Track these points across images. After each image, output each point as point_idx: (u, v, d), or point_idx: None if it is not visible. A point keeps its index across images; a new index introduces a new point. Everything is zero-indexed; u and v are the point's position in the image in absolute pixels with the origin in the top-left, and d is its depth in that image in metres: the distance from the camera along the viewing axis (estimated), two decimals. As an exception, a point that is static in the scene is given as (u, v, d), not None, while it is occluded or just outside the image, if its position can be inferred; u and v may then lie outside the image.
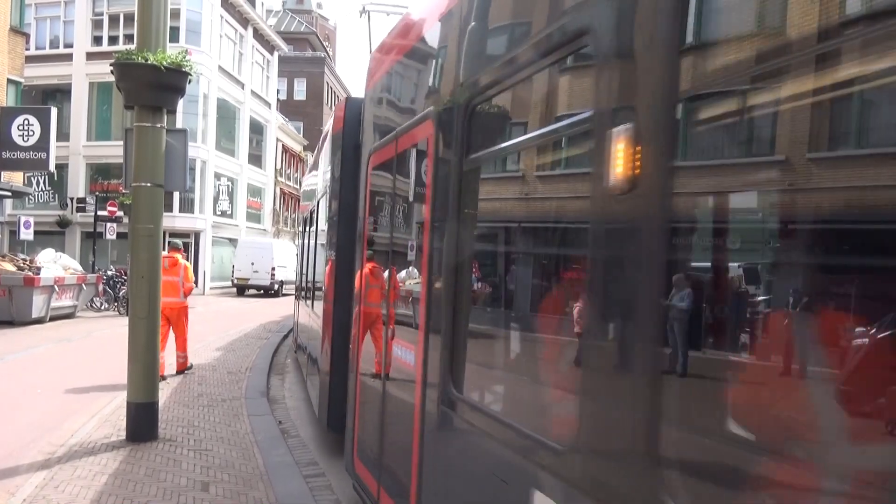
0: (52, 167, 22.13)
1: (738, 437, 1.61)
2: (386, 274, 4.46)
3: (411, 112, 4.12)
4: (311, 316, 8.37)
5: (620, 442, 1.81)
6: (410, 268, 4.18)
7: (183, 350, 9.93)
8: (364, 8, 7.58)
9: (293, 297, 14.27)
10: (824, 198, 1.47)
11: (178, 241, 11.23)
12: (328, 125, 7.73)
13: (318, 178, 8.60)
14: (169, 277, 8.96)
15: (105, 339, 14.18)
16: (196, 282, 8.51)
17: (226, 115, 34.76)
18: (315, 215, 8.84)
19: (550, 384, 2.59)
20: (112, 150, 29.24)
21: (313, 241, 8.98)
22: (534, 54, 2.43)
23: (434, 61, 3.88)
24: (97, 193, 27.77)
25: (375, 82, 5.17)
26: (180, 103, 7.24)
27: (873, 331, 1.30)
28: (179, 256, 9.88)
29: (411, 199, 4.06)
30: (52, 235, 28.74)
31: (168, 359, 9.22)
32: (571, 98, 2.38)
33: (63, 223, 29.86)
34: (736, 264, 1.68)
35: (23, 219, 21.42)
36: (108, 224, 24.91)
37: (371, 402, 4.53)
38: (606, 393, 1.90)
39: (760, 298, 1.59)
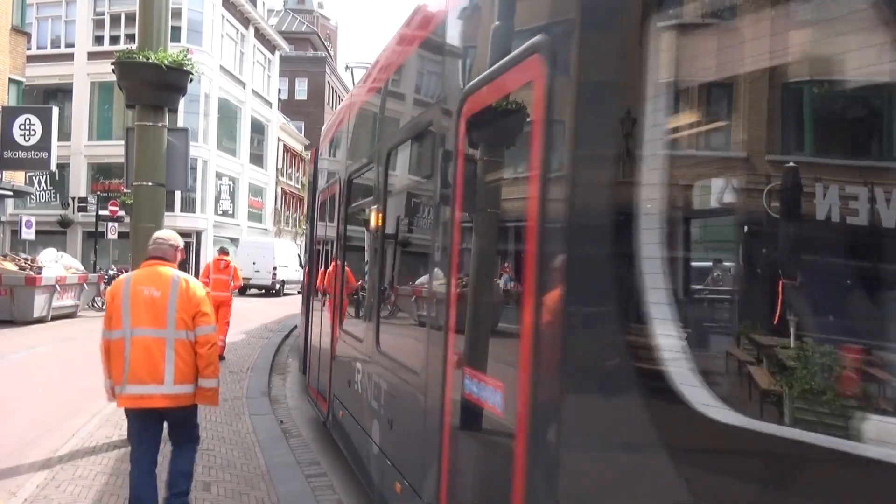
0: (53, 167, 22.15)
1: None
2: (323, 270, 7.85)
3: (332, 174, 7.55)
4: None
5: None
6: (332, 267, 7.03)
7: (223, 334, 11.18)
8: (347, 65, 9.15)
9: (298, 296, 14.77)
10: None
11: (226, 246, 13.31)
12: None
13: None
14: (220, 276, 11.46)
15: (106, 338, 14.19)
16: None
17: (227, 114, 34.77)
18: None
19: (404, 331, 4.53)
20: (113, 150, 29.26)
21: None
22: (368, 159, 5.37)
23: (337, 146, 7.41)
24: (98, 193, 27.81)
25: (319, 150, 9.13)
26: (181, 103, 7.24)
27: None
28: (229, 258, 12.00)
29: (328, 226, 7.80)
30: (53, 235, 28.76)
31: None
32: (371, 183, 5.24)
33: (64, 223, 29.89)
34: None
35: (24, 218, 21.44)
36: (110, 223, 24.91)
37: (314, 350, 8.04)
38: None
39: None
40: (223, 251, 12.20)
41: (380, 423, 4.44)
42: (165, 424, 4.30)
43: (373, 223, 5.05)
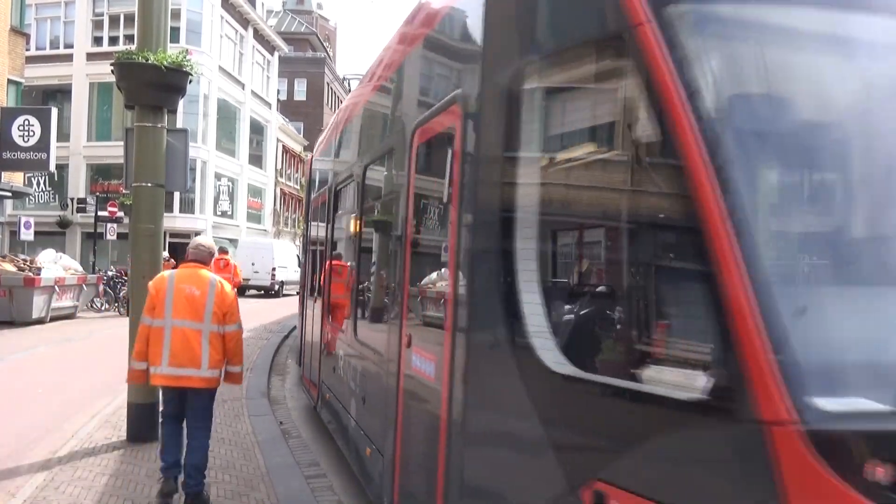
0: (52, 167, 22.13)
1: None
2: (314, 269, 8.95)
3: (323, 183, 8.40)
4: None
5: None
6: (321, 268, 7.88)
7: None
8: (344, 77, 12.69)
9: (297, 297, 15.32)
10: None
11: (225, 246, 14.38)
12: None
13: None
14: (220, 274, 11.76)
15: (105, 339, 14.17)
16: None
17: (226, 115, 34.77)
18: None
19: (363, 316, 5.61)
20: (112, 151, 29.22)
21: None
22: (348, 173, 6.32)
23: (326, 159, 8.49)
24: (97, 194, 27.81)
25: (313, 160, 10.08)
26: (181, 103, 7.23)
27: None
28: (229, 258, 12.97)
29: (319, 231, 8.59)
30: (52, 236, 28.73)
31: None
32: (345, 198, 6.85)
33: (63, 224, 29.87)
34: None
35: (23, 219, 21.42)
36: (109, 224, 24.90)
37: (307, 344, 9.04)
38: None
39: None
40: (223, 250, 12.86)
41: (356, 401, 5.44)
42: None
43: (351, 230, 6.06)
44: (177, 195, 28.98)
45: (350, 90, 8.62)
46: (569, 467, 2.38)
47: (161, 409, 5.18)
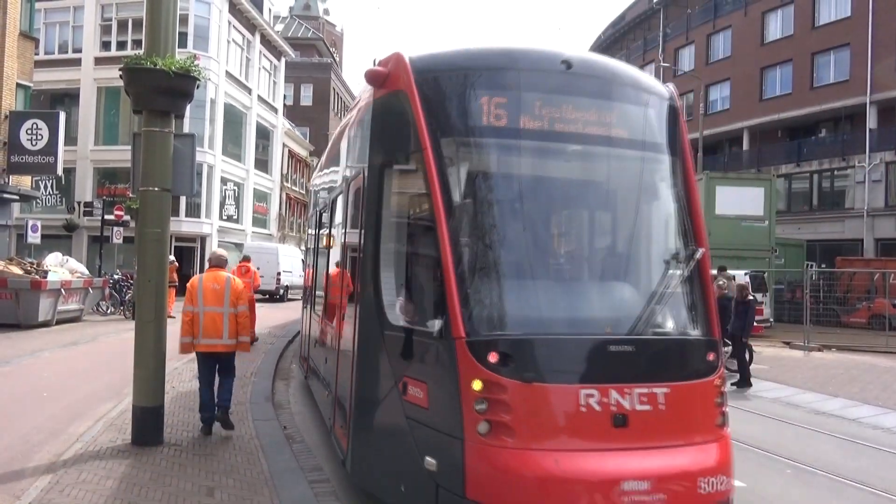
0: (59, 171, 22.22)
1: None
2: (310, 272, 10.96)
3: (315, 204, 10.68)
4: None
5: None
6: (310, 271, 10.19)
7: (251, 332, 14.29)
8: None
9: (301, 301, 16.24)
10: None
11: (248, 254, 16.94)
12: None
13: None
14: (242, 279, 14.49)
15: (111, 342, 14.21)
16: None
17: (233, 120, 34.89)
18: None
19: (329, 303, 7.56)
20: (119, 155, 29.32)
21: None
22: (322, 203, 9.14)
23: (316, 187, 10.95)
24: (104, 198, 27.90)
25: (313, 182, 12.01)
26: (188, 108, 7.26)
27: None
28: (250, 264, 15.14)
29: (310, 242, 11.29)
30: (59, 239, 28.87)
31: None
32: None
33: (70, 227, 29.98)
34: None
35: (30, 222, 21.51)
36: (115, 228, 24.97)
37: (303, 331, 11.06)
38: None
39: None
40: (246, 258, 15.68)
41: (323, 363, 7.51)
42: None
43: (323, 243, 8.65)
44: (183, 199, 29.02)
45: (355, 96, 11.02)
46: (395, 371, 4.69)
47: (197, 373, 7.25)
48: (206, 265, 7.53)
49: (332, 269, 7.39)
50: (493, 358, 4.07)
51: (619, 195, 5.14)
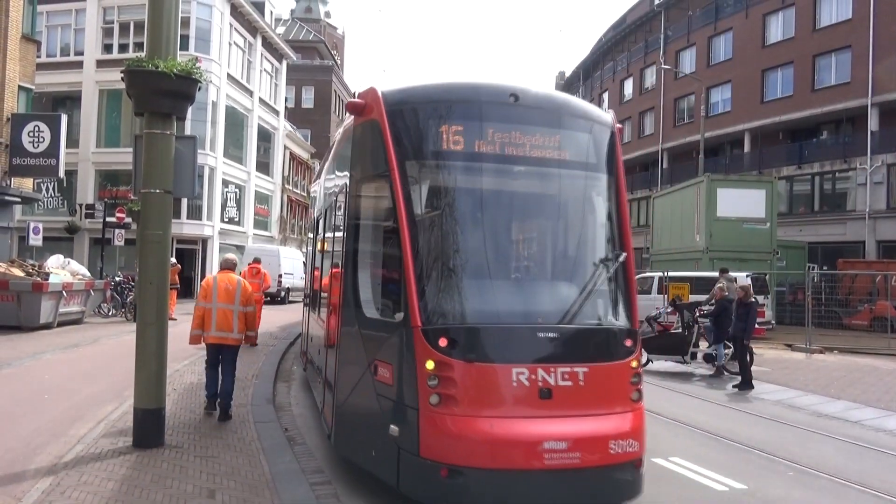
0: (61, 173, 22.25)
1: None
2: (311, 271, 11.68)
3: (315, 210, 11.29)
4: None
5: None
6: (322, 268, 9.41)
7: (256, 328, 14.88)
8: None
9: (301, 303, 16.56)
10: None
11: (259, 256, 17.59)
12: None
13: None
14: (253, 280, 14.27)
15: (112, 345, 14.22)
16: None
17: (234, 122, 34.92)
18: None
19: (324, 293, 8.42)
20: (121, 157, 29.38)
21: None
22: (318, 212, 10.14)
23: (315, 197, 12.17)
24: (106, 200, 27.91)
25: (312, 190, 13.43)
26: (189, 110, 7.27)
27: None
28: (261, 266, 15.87)
29: (310, 246, 12.33)
30: (60, 241, 28.88)
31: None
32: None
33: (72, 229, 29.98)
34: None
35: (32, 224, 21.54)
36: (117, 230, 24.99)
37: (304, 329, 11.58)
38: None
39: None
40: (257, 261, 16.40)
41: (317, 354, 8.37)
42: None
43: (318, 247, 9.67)
44: (184, 202, 29.08)
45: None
46: (369, 355, 5.58)
47: (206, 359, 8.11)
48: (219, 268, 8.52)
49: (324, 271, 8.44)
50: (442, 342, 5.01)
51: (556, 208, 6.04)
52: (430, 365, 4.97)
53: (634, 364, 5.51)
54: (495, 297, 5.47)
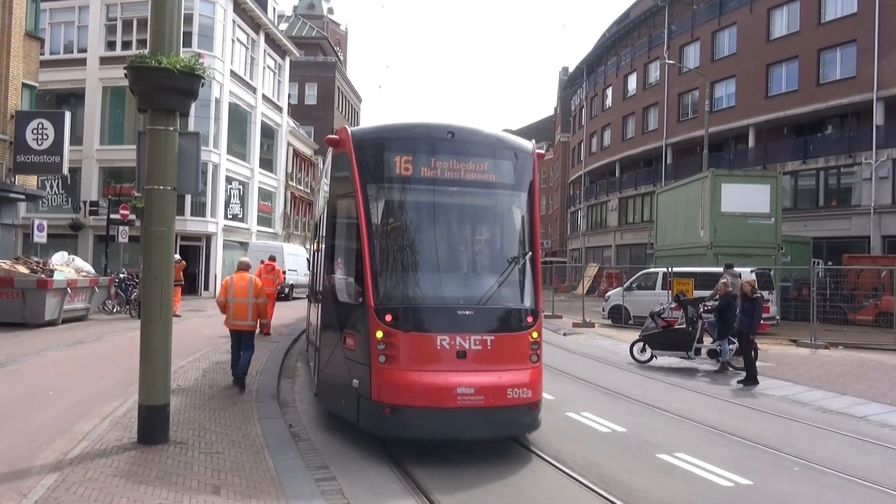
0: (65, 171, 22.29)
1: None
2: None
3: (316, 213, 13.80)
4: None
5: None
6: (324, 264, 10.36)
7: (270, 318, 15.80)
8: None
9: (305, 299, 16.97)
10: None
11: (273, 254, 19.61)
12: None
13: None
14: (267, 276, 16.38)
15: (117, 341, 14.25)
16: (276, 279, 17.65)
17: (238, 119, 34.90)
18: None
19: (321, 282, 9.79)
20: (125, 154, 29.44)
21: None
22: (317, 213, 12.80)
23: (315, 201, 17.23)
24: (110, 197, 27.96)
25: (317, 194, 14.51)
26: (193, 107, 7.26)
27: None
28: (275, 263, 17.58)
29: (313, 244, 13.86)
30: (65, 238, 28.94)
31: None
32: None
33: (76, 226, 30.04)
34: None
35: (36, 222, 21.56)
36: (121, 227, 25.03)
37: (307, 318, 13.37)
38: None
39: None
40: (272, 258, 17.85)
41: (312, 333, 10.52)
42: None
43: (315, 248, 11.51)
44: (188, 198, 29.12)
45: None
46: (340, 329, 7.44)
47: (231, 343, 9.98)
48: (236, 268, 10.21)
49: (318, 267, 10.34)
50: (388, 318, 6.80)
51: (481, 218, 7.93)
52: (379, 334, 6.75)
53: (535, 335, 7.27)
54: (430, 285, 7.17)
